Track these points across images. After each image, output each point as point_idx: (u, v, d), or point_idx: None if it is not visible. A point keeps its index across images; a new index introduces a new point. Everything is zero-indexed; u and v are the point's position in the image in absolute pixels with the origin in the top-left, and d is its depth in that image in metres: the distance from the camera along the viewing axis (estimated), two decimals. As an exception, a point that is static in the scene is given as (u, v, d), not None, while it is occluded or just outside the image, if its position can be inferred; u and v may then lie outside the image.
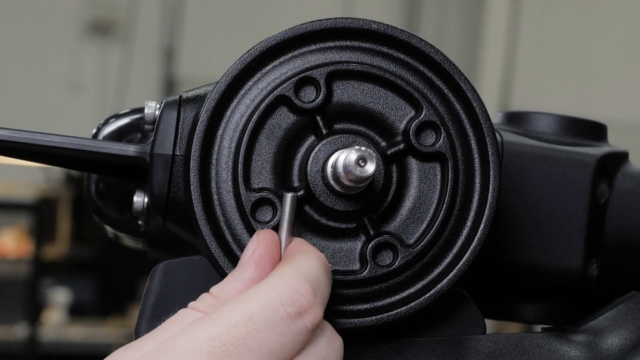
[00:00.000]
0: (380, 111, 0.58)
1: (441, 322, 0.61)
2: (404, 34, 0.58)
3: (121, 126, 0.70)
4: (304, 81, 0.57)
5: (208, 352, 0.49)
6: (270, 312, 0.50)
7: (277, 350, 0.50)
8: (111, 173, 0.65)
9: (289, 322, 0.50)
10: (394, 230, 0.58)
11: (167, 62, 6.12)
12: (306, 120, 0.58)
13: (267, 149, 0.57)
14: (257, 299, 0.51)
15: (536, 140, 0.68)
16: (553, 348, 0.61)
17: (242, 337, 0.50)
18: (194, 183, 0.56)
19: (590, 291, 0.67)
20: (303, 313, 0.51)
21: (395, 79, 0.58)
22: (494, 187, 0.58)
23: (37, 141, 0.60)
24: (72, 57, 5.96)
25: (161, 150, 0.59)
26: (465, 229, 0.58)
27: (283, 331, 0.50)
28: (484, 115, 0.59)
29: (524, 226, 0.66)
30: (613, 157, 0.69)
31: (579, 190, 0.66)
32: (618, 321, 0.62)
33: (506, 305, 0.69)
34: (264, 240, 0.54)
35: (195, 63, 5.99)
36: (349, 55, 0.58)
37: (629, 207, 0.68)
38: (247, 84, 0.58)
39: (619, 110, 6.02)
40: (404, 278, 0.57)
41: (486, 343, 0.61)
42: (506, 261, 0.66)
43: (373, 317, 0.57)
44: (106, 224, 0.73)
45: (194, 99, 0.60)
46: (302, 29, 0.58)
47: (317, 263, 0.53)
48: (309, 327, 0.51)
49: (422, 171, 0.58)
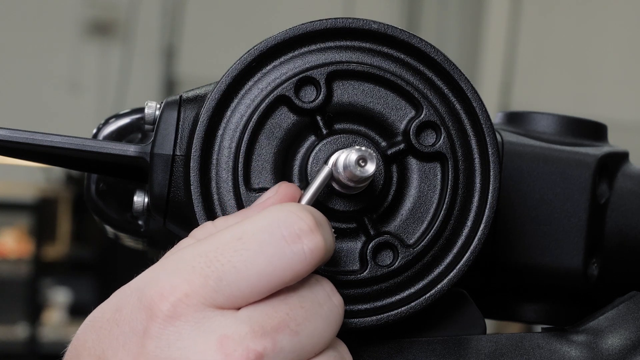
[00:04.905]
0: (380, 111, 0.58)
1: (441, 322, 0.61)
2: (404, 34, 0.58)
3: (121, 126, 0.70)
4: (304, 81, 0.57)
5: (193, 267, 0.49)
6: (264, 232, 0.49)
7: (267, 273, 0.48)
8: (111, 173, 0.65)
9: (284, 244, 0.49)
10: (394, 230, 0.58)
11: (167, 62, 6.12)
12: (306, 120, 0.58)
13: (268, 149, 0.57)
14: (252, 221, 0.50)
15: (536, 140, 0.68)
16: (553, 348, 0.61)
17: (230, 254, 0.49)
18: (194, 183, 0.56)
19: (591, 291, 0.67)
20: (302, 236, 0.49)
21: (395, 79, 0.58)
22: (494, 187, 0.58)
23: (37, 141, 0.60)
24: (72, 57, 5.96)
25: (161, 150, 0.59)
26: (466, 229, 0.58)
27: (275, 253, 0.49)
28: (484, 115, 0.59)
29: (524, 226, 0.66)
30: (613, 157, 0.69)
31: (579, 190, 0.66)
32: (618, 321, 0.62)
33: (506, 305, 0.69)
34: (283, 192, 0.53)
35: (195, 63, 5.99)
36: (349, 55, 0.58)
37: (629, 207, 0.68)
38: (247, 84, 0.58)
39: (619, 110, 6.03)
40: (404, 278, 0.57)
41: (486, 343, 0.61)
42: (506, 261, 0.66)
43: (373, 317, 0.57)
44: (106, 224, 0.73)
45: (194, 99, 0.60)
46: (302, 29, 0.58)
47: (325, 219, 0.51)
48: (307, 252, 0.49)
49: (422, 171, 0.58)
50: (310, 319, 0.49)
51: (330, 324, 0.50)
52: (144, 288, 0.49)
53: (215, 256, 0.49)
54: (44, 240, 5.01)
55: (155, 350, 0.48)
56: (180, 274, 0.49)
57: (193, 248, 0.50)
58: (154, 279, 0.49)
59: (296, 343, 0.48)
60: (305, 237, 0.49)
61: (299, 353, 0.49)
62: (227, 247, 0.49)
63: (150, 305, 0.48)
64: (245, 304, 0.49)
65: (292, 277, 0.49)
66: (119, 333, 0.49)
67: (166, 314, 0.48)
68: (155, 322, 0.48)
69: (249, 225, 0.50)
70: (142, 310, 0.49)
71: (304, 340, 0.49)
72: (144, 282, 0.50)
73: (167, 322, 0.48)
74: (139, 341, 0.48)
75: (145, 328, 0.48)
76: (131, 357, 0.48)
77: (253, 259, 0.49)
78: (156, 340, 0.48)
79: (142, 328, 0.48)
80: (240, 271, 0.48)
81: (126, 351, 0.49)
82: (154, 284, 0.49)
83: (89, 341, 0.51)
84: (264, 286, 0.49)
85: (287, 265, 0.49)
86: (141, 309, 0.49)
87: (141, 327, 0.48)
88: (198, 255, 0.49)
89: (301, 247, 0.49)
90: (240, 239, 0.49)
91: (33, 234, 5.09)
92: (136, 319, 0.49)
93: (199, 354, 0.47)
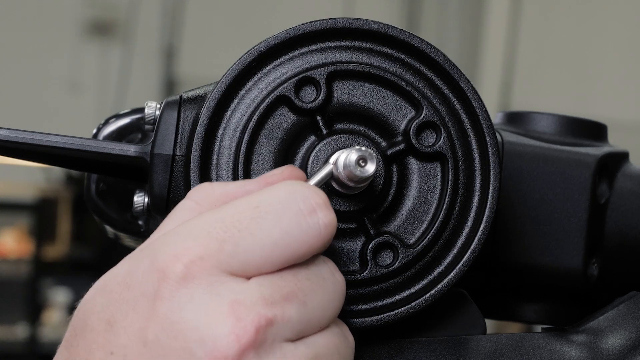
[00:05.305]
0: (380, 111, 0.58)
1: (441, 322, 0.61)
2: (404, 34, 0.58)
3: (121, 126, 0.70)
4: (304, 81, 0.57)
5: (209, 232, 0.49)
6: (281, 203, 0.49)
7: (282, 244, 0.49)
8: (111, 173, 0.65)
9: (300, 216, 0.49)
10: (394, 231, 0.58)
11: (167, 62, 6.12)
12: (306, 120, 0.58)
13: (268, 149, 0.57)
14: (268, 192, 0.50)
15: (536, 140, 0.68)
16: (553, 348, 0.61)
17: (246, 221, 0.49)
18: (195, 183, 0.57)
19: (591, 291, 0.67)
20: (317, 210, 0.49)
21: (395, 79, 0.58)
22: (495, 187, 0.58)
23: (37, 141, 0.60)
24: (72, 57, 5.96)
25: (161, 150, 0.59)
26: (466, 229, 0.58)
27: (292, 224, 0.49)
28: (484, 115, 0.59)
29: (524, 226, 0.66)
30: (613, 157, 0.69)
31: (579, 190, 0.66)
32: (618, 321, 0.62)
33: (506, 305, 0.69)
34: (288, 173, 0.53)
35: (195, 63, 5.99)
36: (349, 55, 0.58)
37: (629, 207, 0.68)
38: (247, 84, 0.58)
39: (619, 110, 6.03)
40: (404, 278, 0.57)
41: (486, 343, 0.61)
42: (506, 261, 0.66)
43: (373, 317, 0.57)
44: (106, 224, 0.73)
45: (194, 99, 0.60)
46: (303, 29, 0.58)
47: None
48: (322, 226, 0.49)
49: (422, 171, 0.58)
50: (317, 291, 0.50)
51: (334, 299, 0.51)
52: (156, 251, 0.49)
53: (232, 222, 0.49)
54: (44, 240, 5.01)
55: (167, 313, 0.47)
56: (195, 238, 0.49)
57: (208, 214, 0.50)
58: (167, 243, 0.49)
59: (303, 314, 0.49)
60: (320, 211, 0.50)
61: (306, 324, 0.49)
62: (244, 214, 0.49)
63: (163, 267, 0.48)
64: (257, 273, 0.49)
65: (306, 251, 0.50)
66: (130, 296, 0.49)
67: (179, 275, 0.48)
68: (168, 283, 0.48)
69: (265, 195, 0.50)
70: (154, 272, 0.48)
71: (311, 312, 0.49)
72: (157, 245, 0.49)
73: (179, 284, 0.48)
74: (150, 304, 0.48)
75: (157, 290, 0.48)
76: (142, 320, 0.48)
77: (270, 228, 0.49)
78: (168, 302, 0.48)
79: (154, 290, 0.48)
80: (257, 239, 0.48)
81: (136, 314, 0.48)
82: (168, 247, 0.49)
83: (97, 305, 0.50)
84: (277, 257, 0.49)
85: (303, 237, 0.49)
86: (153, 271, 0.48)
87: (152, 289, 0.48)
88: (214, 221, 0.49)
89: (317, 220, 0.49)
90: (257, 207, 0.49)
91: (33, 234, 5.09)
92: (148, 281, 0.48)
93: (211, 317, 0.47)
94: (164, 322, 0.47)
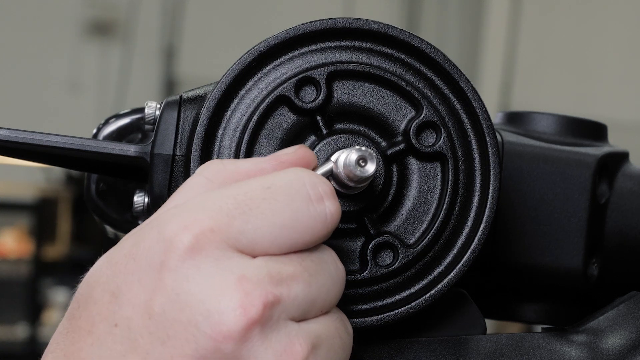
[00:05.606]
0: (380, 111, 0.58)
1: (441, 322, 0.61)
2: (404, 34, 0.58)
3: (121, 126, 0.70)
4: (305, 81, 0.57)
5: (220, 207, 0.48)
6: (291, 187, 0.49)
7: (290, 226, 0.49)
8: (111, 173, 0.65)
9: (309, 202, 0.49)
10: (394, 230, 0.58)
11: (167, 62, 6.12)
12: (306, 120, 0.58)
13: (268, 149, 0.57)
14: (279, 175, 0.50)
15: (536, 140, 0.68)
16: (553, 348, 0.61)
17: (258, 200, 0.49)
18: (194, 183, 0.56)
19: (591, 291, 0.67)
20: (325, 198, 0.50)
21: (395, 79, 0.58)
22: (495, 187, 0.58)
23: (37, 141, 0.60)
24: (72, 57, 5.96)
25: (161, 150, 0.59)
26: (466, 229, 0.58)
27: (300, 208, 0.49)
28: (484, 115, 0.59)
29: (524, 226, 0.66)
30: (613, 157, 0.69)
31: (579, 190, 0.66)
32: (618, 321, 0.62)
33: (506, 305, 0.69)
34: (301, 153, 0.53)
35: (195, 63, 5.99)
36: (350, 55, 0.58)
37: (629, 207, 0.68)
38: (247, 84, 0.58)
39: (619, 110, 6.03)
40: (404, 278, 0.57)
41: (486, 343, 0.61)
42: (506, 261, 0.66)
43: (373, 317, 0.57)
44: (106, 224, 0.73)
45: (194, 99, 0.60)
46: (303, 29, 0.58)
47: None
48: (328, 215, 0.50)
49: (422, 171, 0.58)
50: (321, 274, 0.50)
51: (336, 284, 0.51)
52: (165, 222, 0.48)
53: (243, 200, 0.49)
54: (44, 240, 5.01)
55: (173, 284, 0.47)
56: (206, 212, 0.48)
57: (220, 190, 0.50)
58: (177, 214, 0.49)
59: (308, 294, 0.49)
60: (327, 199, 0.50)
61: (311, 304, 0.49)
62: (255, 193, 0.49)
63: (171, 237, 0.47)
64: (263, 254, 0.48)
65: (311, 238, 0.50)
66: (135, 267, 0.48)
67: (187, 246, 0.47)
68: (175, 253, 0.47)
69: (276, 178, 0.50)
70: (161, 243, 0.48)
71: (315, 293, 0.49)
72: (166, 217, 0.49)
73: (186, 255, 0.47)
74: (156, 274, 0.47)
75: (163, 261, 0.47)
76: (147, 292, 0.47)
77: (280, 210, 0.49)
78: (174, 273, 0.47)
79: (160, 261, 0.47)
80: (267, 219, 0.48)
81: (142, 286, 0.48)
82: (177, 218, 0.48)
83: (103, 276, 0.49)
84: (285, 239, 0.49)
85: (311, 223, 0.49)
86: (160, 241, 0.48)
87: (159, 259, 0.47)
88: (226, 197, 0.49)
89: (324, 208, 0.50)
90: (269, 188, 0.49)
91: (33, 234, 5.09)
92: (154, 252, 0.48)
93: (218, 290, 0.47)
94: (170, 294, 0.47)
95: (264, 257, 0.48)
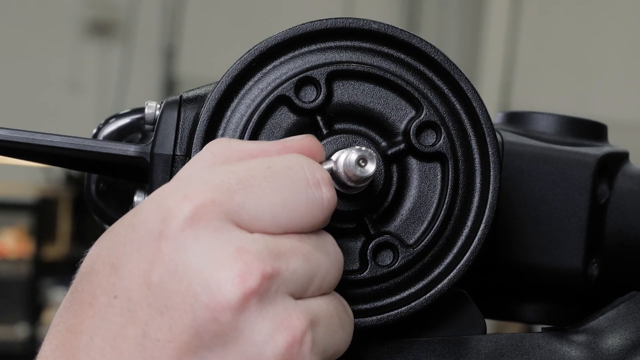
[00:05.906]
0: (380, 111, 0.58)
1: (441, 322, 0.61)
2: (404, 34, 0.58)
3: (121, 126, 0.70)
4: (305, 81, 0.57)
5: (222, 180, 0.48)
6: (291, 169, 0.50)
7: (290, 207, 0.49)
8: (111, 173, 0.65)
9: (307, 186, 0.50)
10: (394, 230, 0.58)
11: (167, 62, 6.12)
12: (306, 120, 0.58)
13: (268, 149, 0.57)
14: (280, 157, 0.51)
15: (536, 140, 0.68)
16: (553, 348, 0.61)
17: (260, 178, 0.49)
18: (194, 183, 0.56)
19: (591, 291, 0.67)
20: (322, 184, 0.50)
21: (395, 79, 0.58)
22: (495, 187, 0.58)
23: (37, 141, 0.60)
24: (72, 57, 5.96)
25: (161, 150, 0.59)
26: (466, 229, 0.58)
27: (299, 191, 0.49)
28: (484, 115, 0.59)
29: (524, 226, 0.66)
30: (613, 157, 0.69)
31: (579, 190, 0.66)
32: (618, 321, 0.62)
33: (506, 305, 0.70)
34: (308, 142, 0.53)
35: (195, 63, 5.99)
36: (350, 55, 0.58)
37: (630, 207, 0.68)
38: (247, 84, 0.58)
39: (619, 110, 6.03)
40: (404, 278, 0.57)
41: (486, 343, 0.61)
42: (506, 261, 0.66)
43: (373, 317, 0.57)
44: (106, 224, 0.73)
45: (195, 99, 0.60)
46: (303, 29, 0.58)
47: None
48: (324, 200, 0.50)
49: (422, 171, 0.58)
50: (320, 250, 0.50)
51: (334, 265, 0.51)
52: (165, 193, 0.48)
53: (245, 177, 0.49)
54: (44, 240, 5.01)
55: (172, 254, 0.47)
56: (207, 184, 0.48)
57: (223, 166, 0.50)
58: (177, 186, 0.49)
59: (307, 269, 0.49)
60: (324, 186, 0.50)
61: (309, 281, 0.49)
62: (257, 171, 0.49)
63: (171, 206, 0.47)
64: (262, 231, 0.48)
65: (309, 221, 0.50)
66: (135, 237, 0.48)
67: (187, 215, 0.47)
68: (174, 222, 0.47)
69: (277, 159, 0.50)
70: (160, 212, 0.48)
71: (315, 269, 0.49)
72: (167, 188, 0.49)
73: (185, 224, 0.47)
74: (155, 243, 0.47)
75: (162, 230, 0.47)
76: (146, 262, 0.47)
77: (281, 189, 0.49)
78: (172, 242, 0.47)
79: (159, 230, 0.47)
80: (268, 196, 0.48)
81: (141, 256, 0.47)
82: (178, 189, 0.48)
83: (104, 248, 0.49)
84: (284, 219, 0.49)
85: (310, 205, 0.50)
86: (160, 210, 0.48)
87: (157, 228, 0.47)
88: (228, 172, 0.49)
89: (321, 193, 0.50)
90: (270, 167, 0.49)
91: (33, 234, 5.09)
92: (153, 221, 0.47)
93: (217, 261, 0.46)
94: (169, 264, 0.47)
95: (262, 234, 0.48)
